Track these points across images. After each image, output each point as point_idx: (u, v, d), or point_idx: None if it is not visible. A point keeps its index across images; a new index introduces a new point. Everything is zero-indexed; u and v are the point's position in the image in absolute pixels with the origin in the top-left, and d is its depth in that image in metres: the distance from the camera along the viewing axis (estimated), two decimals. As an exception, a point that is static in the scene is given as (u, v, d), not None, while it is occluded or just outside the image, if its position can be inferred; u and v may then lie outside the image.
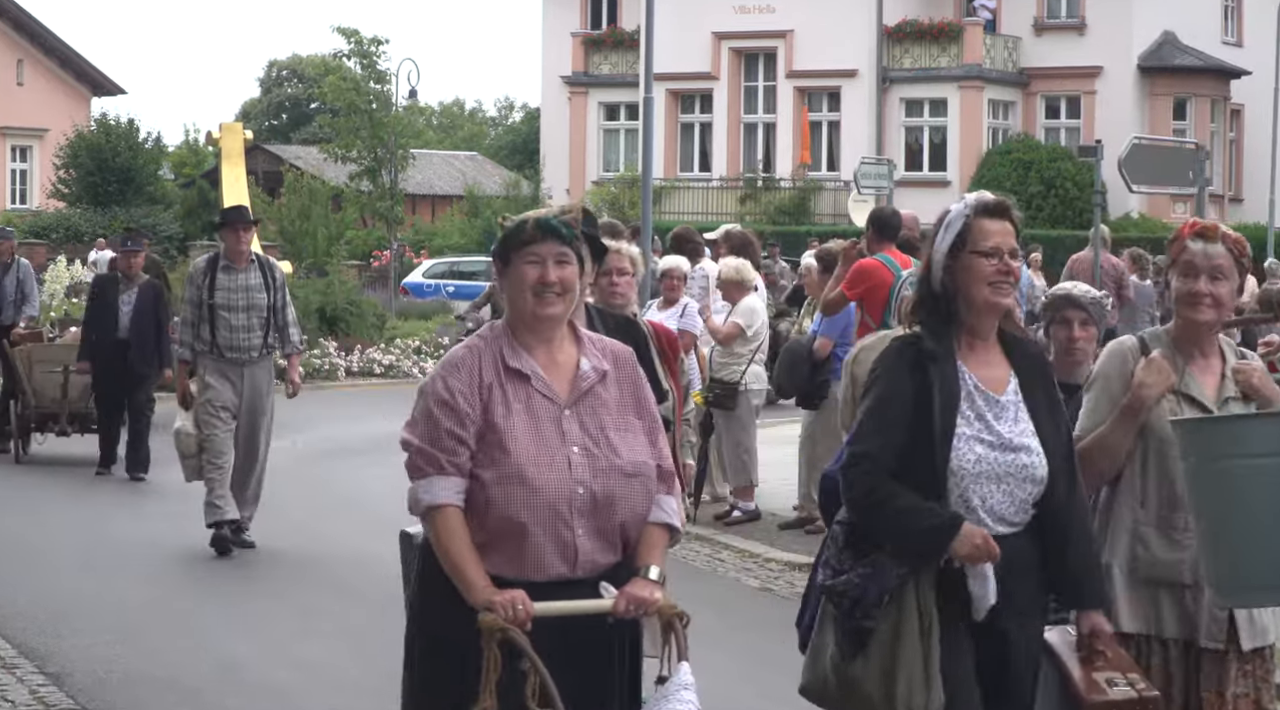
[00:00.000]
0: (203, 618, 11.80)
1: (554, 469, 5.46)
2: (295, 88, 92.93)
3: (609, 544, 5.54)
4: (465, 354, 5.59)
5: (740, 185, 53.44)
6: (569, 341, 5.68)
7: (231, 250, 14.31)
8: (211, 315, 14.13)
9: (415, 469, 5.58)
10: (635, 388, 5.70)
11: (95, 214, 49.46)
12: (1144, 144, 22.86)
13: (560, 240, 5.58)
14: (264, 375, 14.39)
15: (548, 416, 5.53)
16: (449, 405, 5.51)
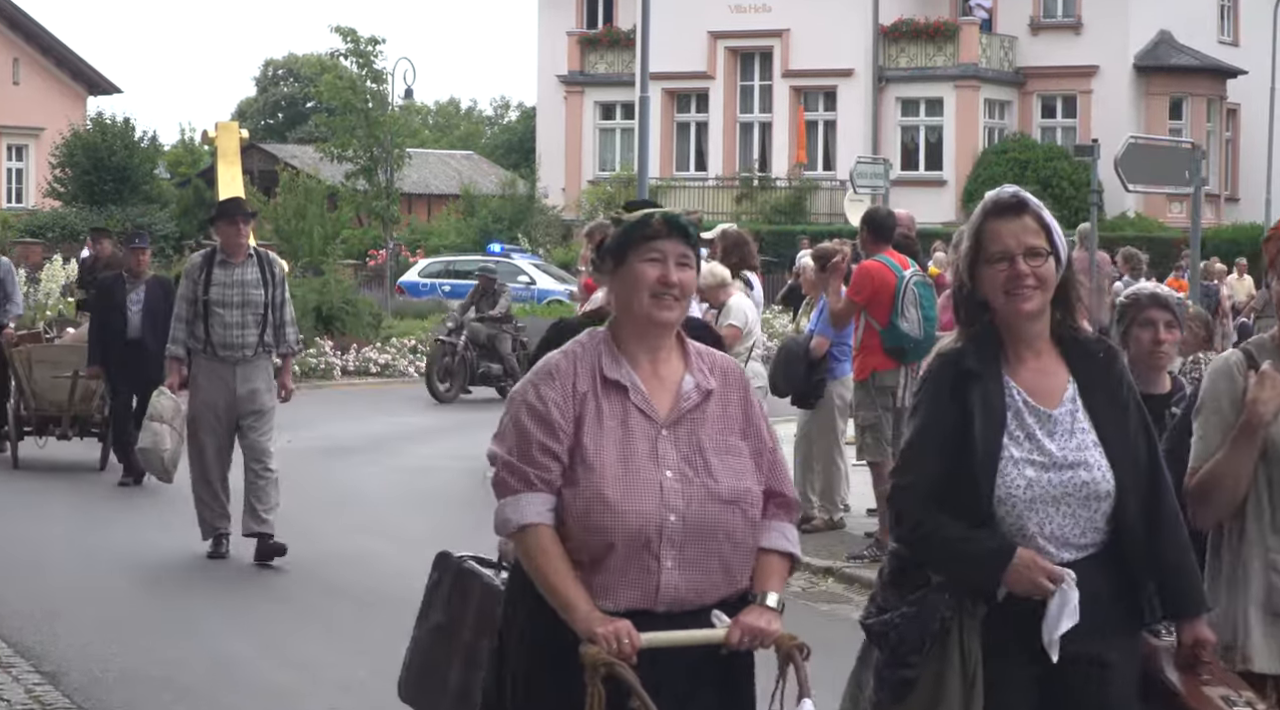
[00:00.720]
0: (198, 617, 11.79)
1: (644, 494, 5.01)
2: (291, 87, 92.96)
3: (698, 579, 5.05)
4: (561, 360, 5.14)
5: (736, 184, 53.47)
6: (676, 354, 5.21)
7: (229, 244, 13.77)
8: (206, 312, 13.62)
9: (503, 485, 5.09)
10: (744, 407, 5.23)
11: (91, 213, 49.43)
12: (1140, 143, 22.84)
13: (686, 239, 5.13)
14: (260, 374, 13.81)
15: (643, 435, 5.08)
16: (541, 416, 5.06)
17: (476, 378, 26.82)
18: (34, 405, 18.72)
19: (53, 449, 18.94)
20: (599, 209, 48.59)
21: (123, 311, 17.80)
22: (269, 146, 67.10)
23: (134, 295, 17.84)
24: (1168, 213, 49.51)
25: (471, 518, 16.56)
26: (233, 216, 13.85)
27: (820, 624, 12.06)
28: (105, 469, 18.34)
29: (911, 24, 52.27)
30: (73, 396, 18.55)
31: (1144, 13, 51.23)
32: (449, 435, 22.48)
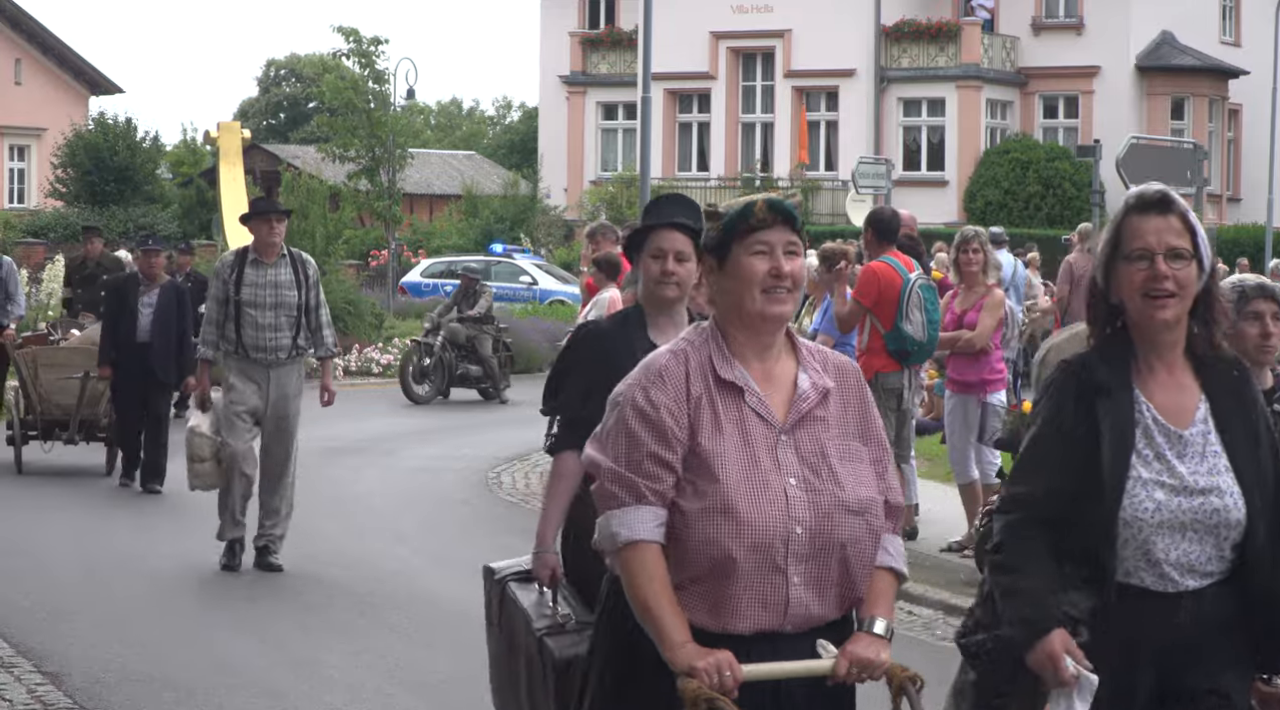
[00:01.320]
0: (200, 617, 11.79)
1: (769, 503, 4.62)
2: (293, 87, 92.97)
3: (826, 594, 4.70)
4: (670, 360, 4.76)
5: (738, 185, 53.44)
6: (786, 352, 4.86)
7: (261, 243, 13.32)
8: (237, 313, 13.26)
9: (608, 497, 4.70)
10: (861, 408, 4.87)
11: (93, 213, 49.41)
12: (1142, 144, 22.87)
13: (792, 227, 4.78)
14: (292, 378, 13.48)
15: (762, 440, 4.70)
16: (652, 421, 4.68)
17: (455, 379, 26.58)
18: (40, 409, 18.44)
19: (59, 453, 18.79)
20: (601, 209, 48.66)
21: (134, 314, 17.50)
22: (271, 147, 67.09)
23: (146, 298, 17.55)
24: (1170, 213, 49.45)
25: (472, 518, 16.59)
26: (265, 214, 13.44)
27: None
28: (111, 473, 18.18)
29: (913, 24, 52.26)
30: (81, 399, 18.28)
31: (1146, 13, 51.21)
32: (450, 436, 22.48)
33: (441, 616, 11.87)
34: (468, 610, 11.96)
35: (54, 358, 18.69)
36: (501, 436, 22.16)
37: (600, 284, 18.00)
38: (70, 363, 18.48)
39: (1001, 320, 13.88)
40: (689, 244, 6.62)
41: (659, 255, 6.69)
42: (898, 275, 13.78)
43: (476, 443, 21.70)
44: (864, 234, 14.44)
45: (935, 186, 50.82)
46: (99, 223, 47.23)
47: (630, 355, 6.15)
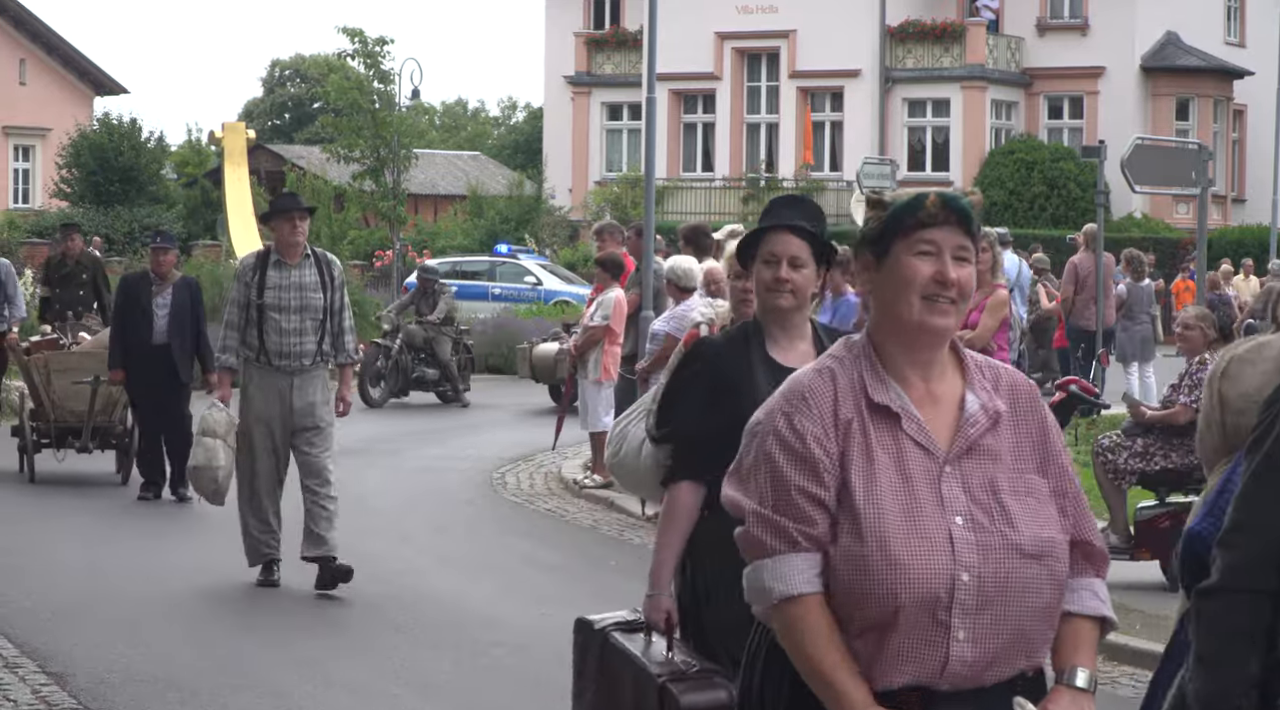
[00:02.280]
0: (204, 618, 11.80)
1: (931, 547, 4.00)
2: (298, 87, 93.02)
3: (994, 652, 4.04)
4: (815, 380, 4.14)
5: (743, 185, 53.45)
6: (952, 368, 4.21)
7: (284, 243, 12.56)
8: (260, 317, 12.49)
9: (755, 544, 4.09)
10: (1040, 434, 4.19)
11: (98, 213, 49.48)
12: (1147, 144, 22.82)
13: (966, 228, 4.12)
14: (318, 386, 12.67)
15: (923, 474, 4.06)
16: (799, 455, 4.06)
17: (412, 383, 26.16)
18: (53, 416, 17.80)
19: (71, 462, 18.13)
20: (605, 210, 48.64)
21: (148, 315, 16.72)
22: (276, 147, 67.12)
23: (160, 298, 16.75)
24: (1174, 214, 49.49)
25: (476, 518, 16.60)
26: (288, 212, 12.63)
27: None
28: (126, 482, 17.55)
29: (918, 25, 52.26)
30: (94, 405, 17.69)
31: (1150, 14, 51.21)
32: (454, 436, 22.49)
33: (446, 616, 11.88)
34: (471, 610, 11.98)
35: (65, 362, 18.02)
36: (506, 437, 22.17)
37: (604, 284, 18.02)
38: (82, 367, 17.81)
39: (1005, 320, 13.86)
40: (806, 249, 6.14)
41: (771, 260, 6.13)
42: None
43: (480, 443, 21.70)
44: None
45: (940, 187, 50.77)
46: (104, 223, 47.39)
47: (748, 374, 5.99)
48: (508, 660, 10.63)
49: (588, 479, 17.91)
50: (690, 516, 6.03)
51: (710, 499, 5.87)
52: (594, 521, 16.32)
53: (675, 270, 16.07)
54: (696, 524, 6.03)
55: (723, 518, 5.62)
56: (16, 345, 18.69)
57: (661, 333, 15.93)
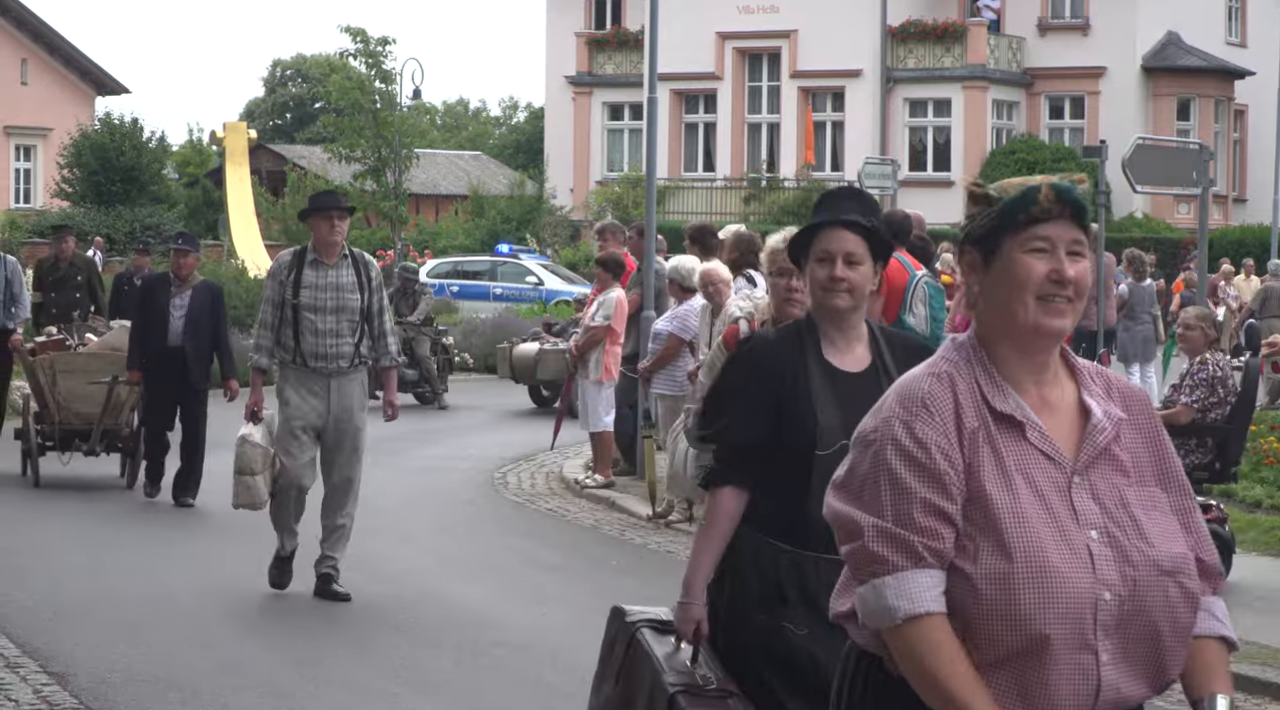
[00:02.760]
0: (205, 618, 11.79)
1: (1076, 564, 3.73)
2: (299, 87, 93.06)
3: (1136, 673, 3.80)
4: (934, 385, 3.86)
5: (744, 185, 53.46)
6: (1064, 372, 3.97)
7: (321, 242, 12.16)
8: (295, 318, 12.13)
9: (873, 561, 3.78)
10: (1156, 444, 3.97)
11: (99, 213, 49.51)
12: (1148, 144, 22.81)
13: (1080, 221, 3.87)
14: (355, 389, 12.34)
15: (1051, 486, 3.79)
16: (921, 464, 3.77)
17: None
18: (58, 419, 17.48)
19: (75, 464, 17.79)
20: (607, 210, 48.66)
21: (164, 316, 16.52)
22: (277, 147, 67.20)
23: (178, 300, 16.56)
24: (1175, 214, 49.50)
25: (478, 518, 16.60)
26: (326, 210, 12.23)
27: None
28: (132, 486, 17.36)
29: (919, 25, 52.27)
30: (106, 407, 17.38)
31: (1152, 14, 51.22)
32: (455, 436, 22.49)
33: (447, 616, 11.88)
34: (472, 610, 11.98)
35: (72, 364, 17.68)
36: (507, 437, 22.18)
37: (605, 284, 18.01)
38: (90, 369, 17.53)
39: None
40: (862, 245, 5.81)
41: (825, 259, 5.80)
42: (905, 270, 13.81)
43: (482, 443, 21.71)
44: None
45: (941, 187, 50.76)
46: (105, 223, 47.40)
47: (802, 377, 5.72)
48: (508, 660, 10.63)
49: (589, 479, 17.91)
50: (731, 523, 5.76)
51: (751, 506, 5.75)
52: (595, 521, 16.33)
53: (679, 270, 16.07)
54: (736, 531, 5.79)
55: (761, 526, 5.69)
56: (21, 346, 18.51)
57: (665, 332, 15.92)
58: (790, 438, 5.63)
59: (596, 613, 10.72)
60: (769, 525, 5.66)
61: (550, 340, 25.12)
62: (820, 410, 5.64)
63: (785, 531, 5.63)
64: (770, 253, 7.12)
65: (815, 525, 5.15)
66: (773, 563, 5.64)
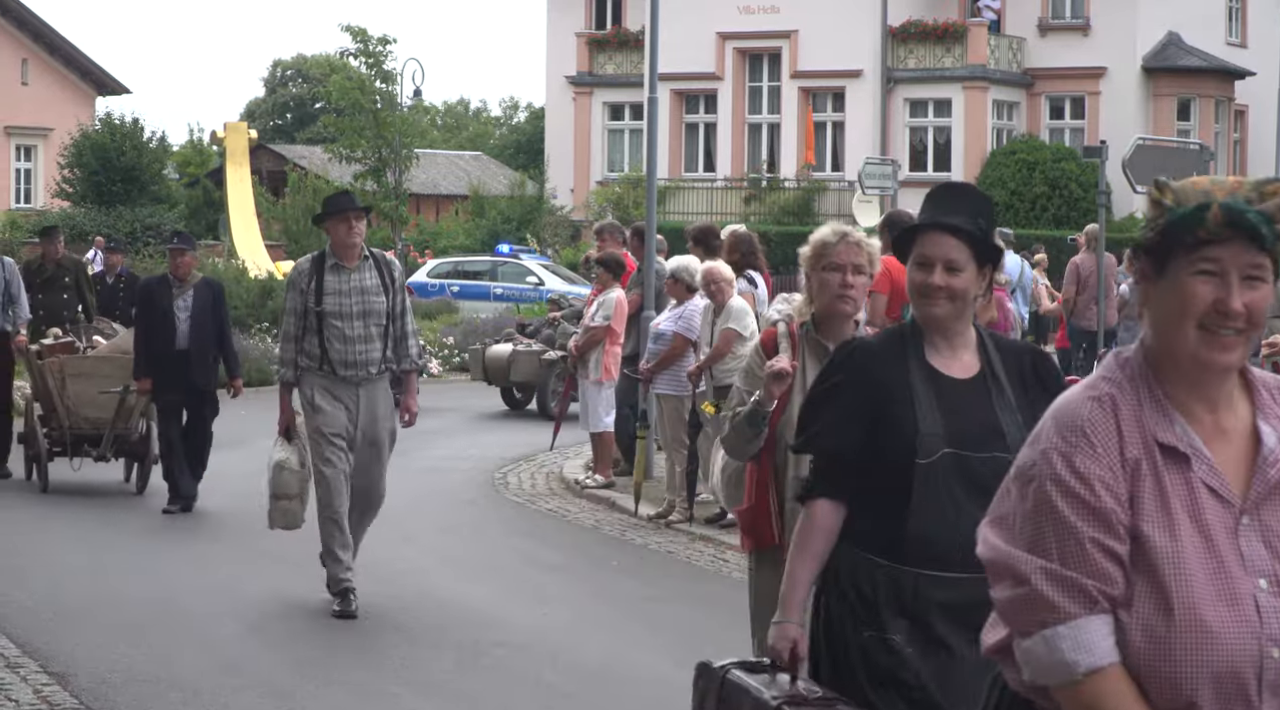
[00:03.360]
0: (206, 618, 11.80)
1: (1239, 618, 3.36)
2: (300, 87, 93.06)
3: None
4: (1094, 411, 3.49)
5: (744, 185, 53.46)
6: (1240, 393, 3.56)
7: (340, 245, 11.78)
8: (320, 325, 11.70)
9: (1043, 606, 3.41)
10: None
11: (100, 213, 49.49)
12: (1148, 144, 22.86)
13: (1259, 245, 3.44)
14: (383, 396, 11.98)
15: (1219, 526, 3.43)
16: (1084, 501, 3.42)
17: None
18: (67, 423, 16.99)
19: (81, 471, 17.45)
20: (608, 210, 48.66)
21: (169, 319, 16.04)
22: (278, 147, 67.20)
23: (181, 301, 16.10)
24: (1176, 214, 49.48)
25: (479, 518, 16.61)
26: (343, 212, 11.85)
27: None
28: (144, 492, 17.01)
29: (920, 25, 52.26)
30: (119, 413, 16.90)
31: (1152, 14, 51.21)
32: (457, 436, 22.49)
33: (448, 616, 11.88)
34: (473, 610, 11.99)
35: (81, 367, 17.17)
36: (508, 437, 22.19)
37: (605, 284, 18.01)
38: (99, 373, 17.05)
39: (992, 324, 13.85)
40: (964, 250, 5.42)
41: (924, 264, 5.46)
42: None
43: (483, 443, 21.71)
44: (881, 236, 14.43)
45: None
46: (106, 223, 47.38)
47: (904, 383, 5.38)
48: (509, 660, 10.64)
49: (589, 479, 17.92)
50: (828, 539, 5.45)
51: (848, 521, 5.45)
52: (596, 521, 16.33)
53: (684, 270, 16.07)
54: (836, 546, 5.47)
55: (859, 542, 5.43)
56: (25, 348, 17.94)
57: (670, 332, 15.92)
58: (889, 446, 5.34)
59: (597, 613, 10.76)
60: (867, 540, 5.39)
61: (524, 341, 24.85)
62: (922, 417, 5.34)
63: (885, 547, 5.34)
64: (818, 247, 6.97)
65: (916, 539, 5.31)
66: (871, 579, 5.37)
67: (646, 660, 10.74)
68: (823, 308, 7.02)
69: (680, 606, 12.55)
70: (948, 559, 5.22)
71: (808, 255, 7.07)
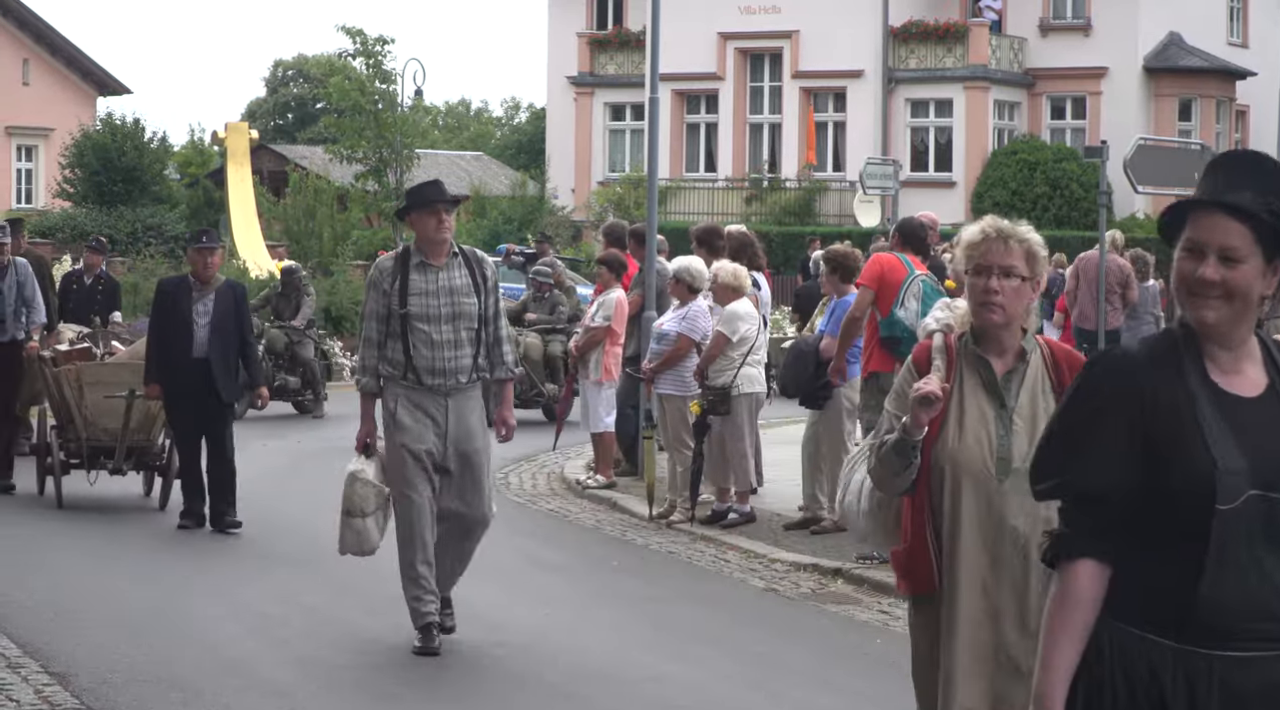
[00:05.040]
0: (207, 617, 11.79)
1: None
2: (301, 87, 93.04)
3: None
4: None
5: (746, 186, 53.47)
6: None
7: (428, 241, 10.71)
8: (404, 329, 10.63)
9: None
10: None
11: (101, 214, 49.47)
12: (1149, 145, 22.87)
13: None
14: (475, 408, 10.81)
15: None
16: None
17: (274, 392, 22.28)
18: (84, 434, 16.06)
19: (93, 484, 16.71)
20: (609, 210, 48.68)
21: (187, 324, 14.99)
22: (279, 147, 67.11)
23: (201, 305, 15.06)
24: (1177, 214, 49.49)
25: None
26: (431, 204, 10.72)
27: (830, 625, 12.07)
28: (165, 508, 16.05)
29: (921, 25, 52.27)
30: (128, 422, 15.99)
31: (1153, 14, 51.22)
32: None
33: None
34: (474, 610, 11.97)
35: (99, 375, 16.19)
36: (509, 437, 22.16)
37: (607, 284, 18.01)
38: (117, 380, 16.07)
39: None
40: (1248, 236, 4.20)
41: (1194, 250, 4.25)
42: (903, 267, 13.85)
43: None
44: (891, 238, 14.45)
45: (943, 187, 50.79)
46: (107, 224, 47.36)
47: (1187, 406, 4.17)
48: (510, 660, 10.63)
49: (590, 479, 17.93)
50: (1091, 609, 4.24)
51: (1114, 586, 4.25)
52: (597, 522, 16.33)
53: (689, 271, 16.07)
54: (1097, 622, 4.26)
55: (1132, 615, 4.21)
56: (37, 355, 16.78)
57: (673, 333, 15.92)
58: (1178, 487, 4.12)
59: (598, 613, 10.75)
60: (1145, 613, 4.19)
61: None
62: (1219, 450, 4.12)
63: (1169, 621, 4.14)
64: (967, 247, 6.13)
65: (1212, 609, 4.10)
66: (1149, 664, 4.16)
67: (648, 660, 10.73)
68: (973, 317, 6.14)
69: (682, 607, 12.55)
70: (1249, 633, 4.12)
71: (956, 255, 6.41)
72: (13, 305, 16.92)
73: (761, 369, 15.78)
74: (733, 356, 15.38)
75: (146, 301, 30.57)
